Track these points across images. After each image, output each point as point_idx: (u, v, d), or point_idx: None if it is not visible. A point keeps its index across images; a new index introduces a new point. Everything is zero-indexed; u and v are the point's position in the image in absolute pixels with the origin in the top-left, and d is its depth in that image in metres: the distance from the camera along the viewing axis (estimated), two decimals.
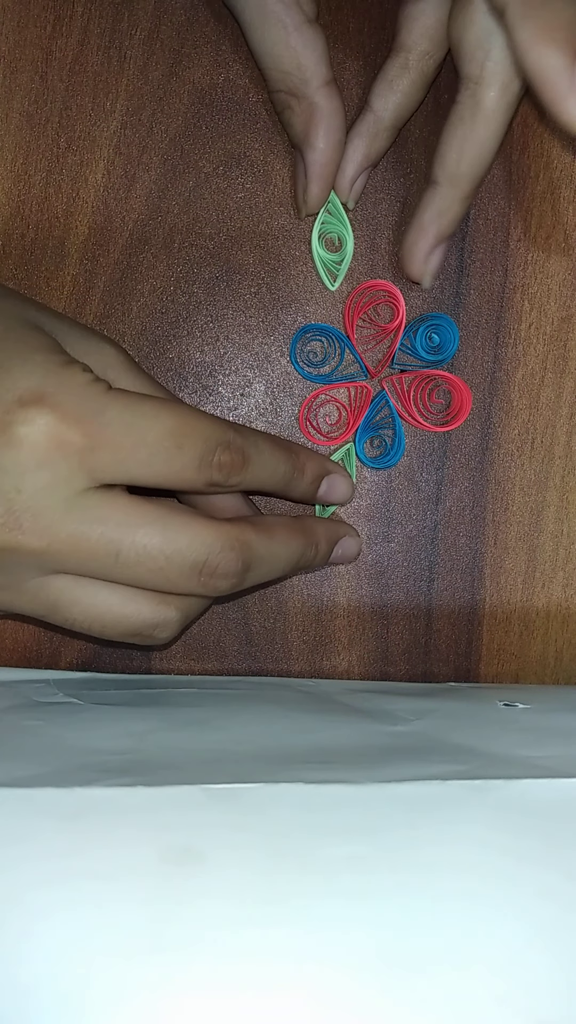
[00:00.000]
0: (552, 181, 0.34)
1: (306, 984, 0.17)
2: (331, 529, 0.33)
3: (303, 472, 0.31)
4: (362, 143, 0.32)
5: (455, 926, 0.18)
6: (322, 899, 0.19)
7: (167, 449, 0.26)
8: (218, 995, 0.17)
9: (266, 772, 0.23)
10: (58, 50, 0.32)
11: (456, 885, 0.19)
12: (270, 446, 0.30)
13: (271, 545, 0.29)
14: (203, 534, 0.27)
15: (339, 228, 0.33)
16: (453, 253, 0.34)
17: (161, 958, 0.17)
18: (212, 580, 0.27)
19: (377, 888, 0.19)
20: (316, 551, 0.32)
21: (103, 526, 0.26)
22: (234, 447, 0.28)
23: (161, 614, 0.28)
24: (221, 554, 0.27)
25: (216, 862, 0.19)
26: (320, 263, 0.33)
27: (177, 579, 0.27)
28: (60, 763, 0.23)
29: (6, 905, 0.18)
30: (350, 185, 0.32)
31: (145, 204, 0.33)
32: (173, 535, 0.27)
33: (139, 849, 0.19)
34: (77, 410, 0.25)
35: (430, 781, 0.22)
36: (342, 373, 0.34)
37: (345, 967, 0.18)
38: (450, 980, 0.18)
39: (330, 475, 0.33)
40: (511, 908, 0.19)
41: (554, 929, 0.19)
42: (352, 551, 0.34)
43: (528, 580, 0.35)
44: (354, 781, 0.22)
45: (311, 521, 0.32)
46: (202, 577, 0.27)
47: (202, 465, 0.27)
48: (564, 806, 0.21)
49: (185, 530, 0.27)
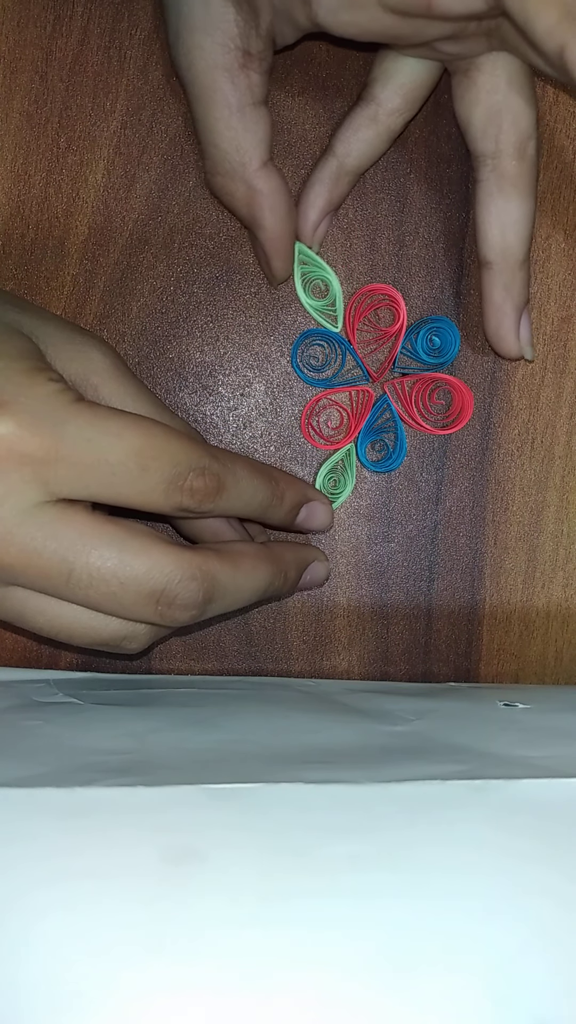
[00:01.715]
0: (552, 181, 0.34)
1: (306, 984, 0.17)
2: (300, 555, 0.32)
3: (282, 500, 0.30)
4: (323, 189, 0.32)
5: (455, 926, 0.18)
6: (322, 899, 0.19)
7: (130, 470, 0.25)
8: (218, 995, 0.17)
9: (266, 772, 0.23)
10: (58, 50, 0.32)
11: (456, 885, 0.19)
12: (248, 472, 0.28)
13: (236, 576, 0.28)
14: (163, 561, 0.26)
15: (320, 273, 0.33)
16: (453, 253, 0.34)
17: (161, 958, 0.17)
18: (170, 610, 0.26)
19: (377, 888, 0.19)
20: (284, 579, 0.30)
21: (56, 543, 0.25)
22: (208, 473, 0.26)
23: (130, 627, 0.27)
24: (181, 584, 0.26)
25: (216, 862, 0.19)
26: (315, 313, 0.33)
27: (132, 606, 0.26)
28: (60, 763, 0.23)
29: (5, 905, 0.18)
30: (312, 231, 0.32)
31: (145, 204, 0.33)
32: (130, 559, 0.25)
33: (139, 849, 0.19)
34: (37, 420, 0.24)
35: (430, 781, 0.22)
36: (344, 377, 0.34)
37: (345, 967, 0.18)
38: (449, 980, 0.18)
39: (310, 503, 0.32)
40: (511, 908, 0.19)
41: (554, 929, 0.19)
42: (320, 576, 0.33)
43: (528, 580, 0.35)
44: (354, 781, 0.22)
45: (280, 548, 0.31)
46: (159, 606, 0.26)
47: (170, 489, 0.26)
48: (564, 806, 0.21)
49: (143, 555, 0.26)
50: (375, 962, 0.18)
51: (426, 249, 0.34)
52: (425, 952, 0.18)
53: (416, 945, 0.18)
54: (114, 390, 0.28)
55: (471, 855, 0.20)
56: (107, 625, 0.27)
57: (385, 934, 0.18)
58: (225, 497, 0.27)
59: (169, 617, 0.26)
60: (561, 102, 0.33)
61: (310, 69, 0.33)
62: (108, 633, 0.27)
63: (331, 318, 0.33)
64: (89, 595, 0.25)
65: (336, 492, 0.34)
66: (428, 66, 0.30)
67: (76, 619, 0.26)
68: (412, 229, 0.33)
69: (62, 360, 0.27)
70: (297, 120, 0.33)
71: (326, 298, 0.33)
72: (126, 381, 0.28)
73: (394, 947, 0.18)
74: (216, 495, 0.27)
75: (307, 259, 0.33)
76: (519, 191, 0.30)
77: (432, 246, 0.34)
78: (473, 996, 0.17)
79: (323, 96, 0.33)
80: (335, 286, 0.33)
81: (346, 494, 0.34)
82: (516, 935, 0.18)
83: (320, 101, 0.33)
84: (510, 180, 0.30)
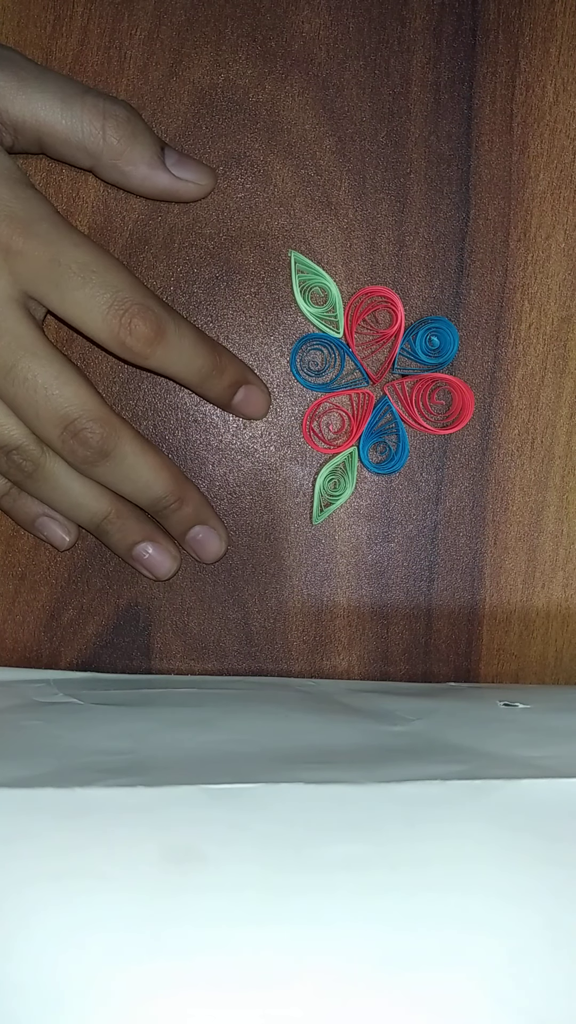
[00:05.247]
0: (552, 181, 0.34)
1: (306, 983, 0.17)
2: (202, 504, 0.33)
3: (222, 373, 0.31)
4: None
5: (455, 925, 0.18)
6: (322, 898, 0.19)
7: (74, 275, 0.28)
8: (218, 993, 0.17)
9: (266, 772, 0.23)
10: (58, 50, 0.32)
11: (455, 884, 0.19)
12: (193, 335, 0.30)
13: (139, 458, 0.30)
14: (86, 398, 0.29)
15: (317, 279, 0.33)
16: (453, 253, 0.34)
17: (161, 956, 0.17)
18: (72, 441, 0.29)
19: (377, 887, 0.19)
20: (177, 506, 0.32)
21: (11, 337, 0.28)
22: (149, 315, 0.29)
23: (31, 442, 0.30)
24: (90, 423, 0.29)
25: (216, 861, 0.19)
26: (315, 320, 0.33)
27: (44, 420, 0.29)
28: (60, 763, 0.23)
29: (5, 904, 0.18)
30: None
31: (145, 205, 0.33)
32: (65, 380, 0.29)
33: (139, 848, 0.19)
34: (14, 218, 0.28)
35: (430, 781, 0.22)
36: (344, 380, 0.34)
37: (345, 966, 0.18)
38: (450, 979, 0.18)
39: (248, 385, 0.33)
40: (511, 908, 0.19)
41: (554, 929, 0.19)
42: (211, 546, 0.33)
43: (528, 580, 0.35)
44: (354, 781, 0.22)
45: (193, 489, 0.32)
46: (64, 433, 0.29)
47: (110, 313, 0.28)
48: (564, 806, 0.21)
49: (75, 384, 0.29)
50: (375, 961, 0.18)
51: (426, 249, 0.34)
52: (425, 951, 0.18)
53: (416, 944, 0.18)
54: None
55: (471, 855, 0.20)
56: (11, 431, 0.29)
57: (385, 933, 0.18)
58: (165, 348, 0.29)
59: (68, 448, 0.29)
60: (561, 102, 0.33)
61: (310, 69, 0.33)
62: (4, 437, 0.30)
63: (332, 324, 0.33)
64: (17, 393, 0.29)
65: (336, 493, 0.34)
66: None
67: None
68: (412, 229, 0.33)
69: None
70: (297, 120, 0.33)
71: (325, 304, 0.33)
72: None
73: (395, 946, 0.18)
74: (156, 341, 0.29)
75: (304, 267, 0.33)
76: None
77: (432, 246, 0.34)
78: (473, 995, 0.17)
79: (323, 96, 0.33)
80: (333, 292, 0.33)
81: (346, 495, 0.34)
82: (516, 935, 0.18)
83: (320, 101, 0.33)
84: None
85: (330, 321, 0.33)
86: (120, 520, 0.32)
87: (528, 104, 0.33)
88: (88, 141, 0.30)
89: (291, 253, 0.33)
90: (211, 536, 0.33)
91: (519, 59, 0.33)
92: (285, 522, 0.34)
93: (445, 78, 0.33)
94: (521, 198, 0.34)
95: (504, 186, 0.33)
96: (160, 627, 0.34)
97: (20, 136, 0.29)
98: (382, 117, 0.33)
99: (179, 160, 0.31)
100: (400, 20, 0.33)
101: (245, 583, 0.34)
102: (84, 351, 0.33)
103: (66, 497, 0.31)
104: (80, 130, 0.29)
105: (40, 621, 0.34)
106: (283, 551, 0.34)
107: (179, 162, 0.31)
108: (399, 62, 0.33)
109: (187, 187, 0.31)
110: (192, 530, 0.33)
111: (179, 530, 0.33)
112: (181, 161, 0.31)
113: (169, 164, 0.31)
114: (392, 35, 0.33)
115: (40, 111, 0.29)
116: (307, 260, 0.33)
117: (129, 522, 0.32)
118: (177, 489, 0.32)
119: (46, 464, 0.30)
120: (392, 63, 0.33)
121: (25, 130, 0.29)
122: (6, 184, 0.28)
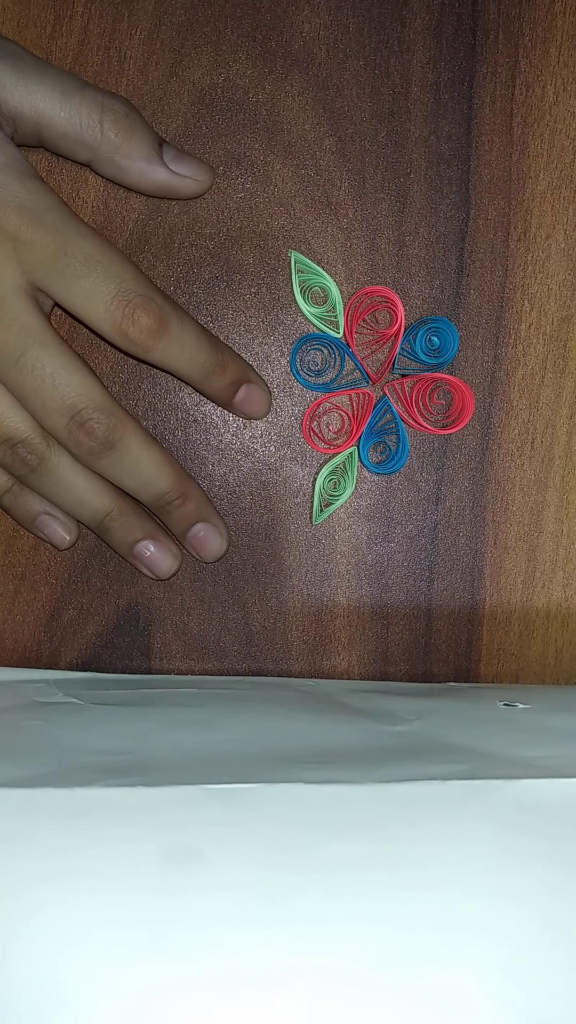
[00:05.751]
0: (552, 181, 0.34)
1: (306, 982, 0.17)
2: (203, 503, 0.33)
3: (224, 370, 0.31)
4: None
5: (454, 925, 0.18)
6: (322, 898, 0.19)
7: (79, 264, 0.28)
8: (218, 993, 0.17)
9: (266, 772, 0.23)
10: (58, 50, 0.32)
11: (456, 884, 0.19)
12: (196, 331, 0.30)
13: (143, 452, 0.30)
14: (93, 390, 0.29)
15: (317, 279, 0.33)
16: (453, 253, 0.34)
17: (161, 956, 0.17)
18: (77, 432, 0.29)
19: (377, 887, 0.19)
20: (180, 503, 0.32)
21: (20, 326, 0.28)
22: (153, 308, 0.29)
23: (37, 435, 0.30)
24: (96, 413, 0.29)
25: (216, 862, 0.19)
26: (315, 320, 0.33)
27: (51, 408, 0.29)
28: (60, 763, 0.23)
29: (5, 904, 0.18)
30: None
31: (145, 204, 0.33)
32: (72, 370, 0.29)
33: (139, 848, 0.19)
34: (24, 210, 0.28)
35: (430, 781, 0.22)
36: (344, 380, 0.34)
37: (345, 966, 0.18)
38: (449, 979, 0.18)
39: (250, 384, 0.32)
40: (510, 908, 0.19)
41: (554, 929, 0.19)
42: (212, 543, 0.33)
43: (528, 580, 0.35)
44: (354, 781, 0.22)
45: (195, 486, 0.32)
46: (70, 423, 0.29)
47: (114, 304, 0.28)
48: (564, 806, 0.21)
49: (82, 375, 0.29)
50: (375, 961, 0.18)
51: (426, 249, 0.34)
52: (425, 951, 0.18)
53: (416, 944, 0.18)
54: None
55: (471, 855, 0.20)
56: (16, 424, 0.30)
57: (385, 933, 0.18)
58: (167, 341, 0.29)
59: (74, 439, 0.29)
60: (561, 102, 0.33)
61: (310, 69, 0.33)
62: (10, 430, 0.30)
63: (332, 324, 0.33)
64: (25, 382, 0.29)
65: (336, 493, 0.34)
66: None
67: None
68: (412, 229, 0.33)
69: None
70: (297, 120, 0.33)
71: (326, 304, 0.33)
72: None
73: (394, 946, 0.18)
74: (159, 334, 0.29)
75: (304, 267, 0.33)
76: None
77: (432, 246, 0.34)
78: (473, 995, 0.17)
79: (323, 96, 0.33)
80: (334, 292, 0.33)
81: (346, 495, 0.34)
82: (516, 935, 0.18)
83: (320, 101, 0.33)
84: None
85: (330, 321, 0.33)
86: (122, 517, 0.32)
87: (528, 104, 0.33)
88: (86, 134, 0.30)
89: (291, 253, 0.33)
90: (212, 534, 0.33)
91: (519, 59, 0.33)
92: (285, 522, 0.34)
93: (445, 78, 0.33)
94: (521, 198, 0.34)
95: (504, 186, 0.33)
96: (160, 627, 0.34)
97: (19, 128, 0.29)
98: (382, 117, 0.33)
99: (177, 156, 0.31)
100: (400, 20, 0.33)
101: (245, 583, 0.34)
102: (85, 350, 0.33)
103: (69, 493, 0.31)
104: (78, 123, 0.29)
105: (40, 621, 0.34)
106: (283, 551, 0.34)
107: (176, 158, 0.31)
108: (399, 62, 0.33)
109: (184, 183, 0.31)
110: (193, 527, 0.33)
111: (180, 527, 0.33)
112: (179, 157, 0.31)
113: (167, 160, 0.31)
114: (392, 35, 0.33)
115: (39, 103, 0.29)
116: (307, 260, 0.33)
117: (131, 520, 0.32)
118: (180, 485, 0.32)
119: (51, 458, 0.30)
120: (392, 63, 0.33)
121: (24, 122, 0.29)
122: (15, 175, 0.28)
